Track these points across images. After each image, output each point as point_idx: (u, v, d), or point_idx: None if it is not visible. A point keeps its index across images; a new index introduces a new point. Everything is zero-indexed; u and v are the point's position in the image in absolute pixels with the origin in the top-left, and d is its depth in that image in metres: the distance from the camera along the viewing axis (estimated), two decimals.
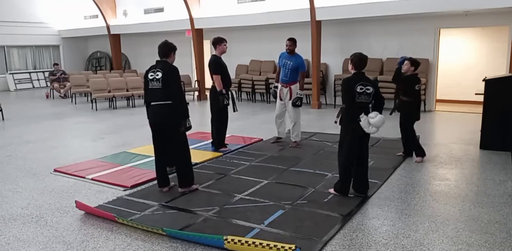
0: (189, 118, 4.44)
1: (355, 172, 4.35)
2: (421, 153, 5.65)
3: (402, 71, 5.57)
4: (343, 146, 4.32)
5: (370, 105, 4.31)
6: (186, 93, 7.35)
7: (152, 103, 4.38)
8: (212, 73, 6.00)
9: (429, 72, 10.02)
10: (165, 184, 4.61)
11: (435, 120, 9.10)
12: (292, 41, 6.39)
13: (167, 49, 4.42)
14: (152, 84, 4.35)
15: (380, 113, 4.23)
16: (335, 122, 4.47)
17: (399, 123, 5.72)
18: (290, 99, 6.43)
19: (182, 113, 4.35)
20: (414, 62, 5.50)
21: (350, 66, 4.35)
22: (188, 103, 4.55)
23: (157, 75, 4.29)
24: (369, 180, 4.71)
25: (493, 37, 10.54)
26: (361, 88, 4.17)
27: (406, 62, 5.50)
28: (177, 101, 4.32)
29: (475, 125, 7.52)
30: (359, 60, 4.28)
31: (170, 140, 4.42)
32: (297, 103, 6.37)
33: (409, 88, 5.56)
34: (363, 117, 4.14)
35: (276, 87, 6.64)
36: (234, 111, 6.43)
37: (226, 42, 6.08)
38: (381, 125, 4.19)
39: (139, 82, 12.49)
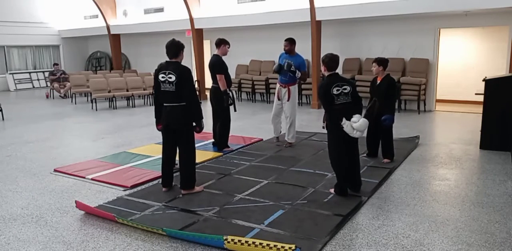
0: (203, 119, 4.49)
1: (347, 171, 4.35)
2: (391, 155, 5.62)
3: (374, 73, 5.46)
4: (331, 149, 4.33)
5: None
6: None
7: (165, 104, 4.39)
8: (215, 73, 5.97)
9: (429, 72, 10.02)
10: (169, 184, 4.62)
11: (435, 120, 9.09)
12: (289, 41, 6.26)
13: (175, 49, 4.37)
14: (164, 86, 4.33)
15: (360, 114, 4.20)
16: (323, 127, 4.47)
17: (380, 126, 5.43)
18: (288, 100, 6.42)
19: (197, 115, 4.39)
20: (381, 62, 5.32)
21: (323, 68, 4.32)
22: (201, 102, 4.55)
23: (170, 78, 4.28)
24: (369, 180, 4.74)
25: (493, 37, 10.54)
26: (337, 90, 4.14)
27: (374, 64, 5.35)
28: (191, 102, 4.33)
29: (475, 125, 7.52)
30: (330, 60, 4.25)
31: (180, 140, 4.44)
32: (291, 69, 6.07)
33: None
34: (345, 124, 4.09)
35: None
36: (234, 111, 6.42)
37: (230, 45, 6.09)
38: (365, 128, 4.15)
39: (139, 82, 12.50)
